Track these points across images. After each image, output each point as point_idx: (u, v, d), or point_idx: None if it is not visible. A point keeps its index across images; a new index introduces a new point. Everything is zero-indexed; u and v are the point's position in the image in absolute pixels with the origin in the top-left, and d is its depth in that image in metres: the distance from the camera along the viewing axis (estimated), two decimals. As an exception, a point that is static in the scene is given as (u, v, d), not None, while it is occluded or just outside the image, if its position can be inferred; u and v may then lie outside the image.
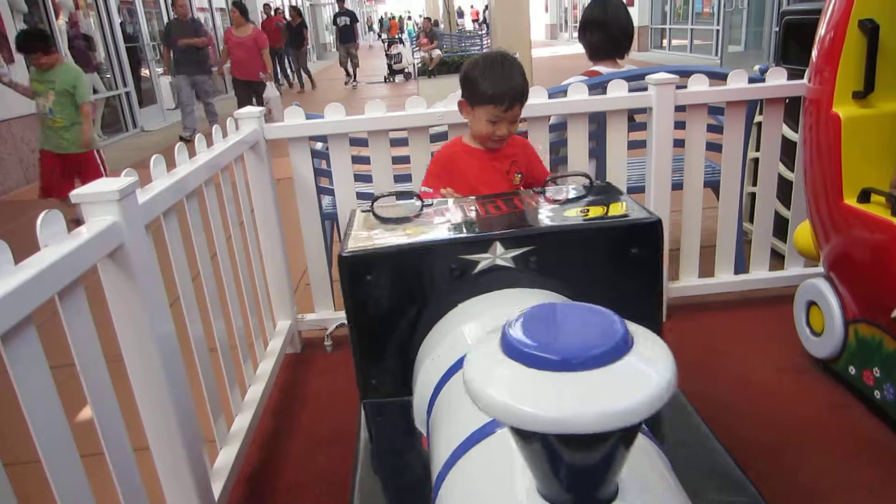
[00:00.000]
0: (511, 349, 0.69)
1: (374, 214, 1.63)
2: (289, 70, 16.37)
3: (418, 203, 1.66)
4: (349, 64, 15.45)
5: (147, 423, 1.52)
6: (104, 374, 1.30)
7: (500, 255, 1.40)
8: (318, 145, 2.87)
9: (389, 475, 1.28)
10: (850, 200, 2.03)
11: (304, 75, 15.42)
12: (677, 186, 2.79)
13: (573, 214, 1.50)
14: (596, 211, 1.49)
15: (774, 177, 2.81)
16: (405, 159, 2.72)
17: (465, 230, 1.51)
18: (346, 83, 15.30)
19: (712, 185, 2.96)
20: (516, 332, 0.71)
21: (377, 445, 1.38)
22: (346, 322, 2.72)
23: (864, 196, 1.99)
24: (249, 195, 2.54)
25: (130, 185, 1.39)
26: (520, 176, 2.00)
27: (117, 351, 1.43)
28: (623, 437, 0.65)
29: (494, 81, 1.84)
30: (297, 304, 2.86)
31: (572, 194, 1.69)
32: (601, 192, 1.66)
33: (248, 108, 2.54)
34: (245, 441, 2.02)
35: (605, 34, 2.89)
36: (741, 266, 2.96)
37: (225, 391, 2.06)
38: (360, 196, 2.76)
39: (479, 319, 1.32)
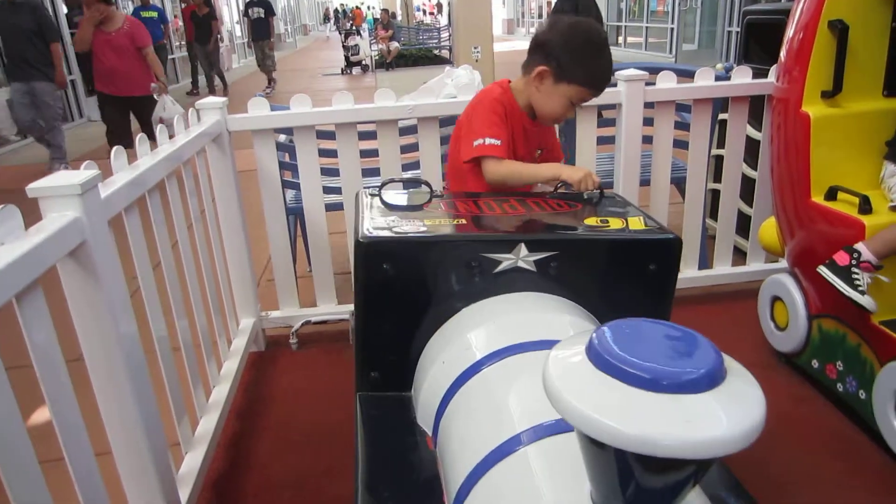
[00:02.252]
0: (600, 360, 0.66)
1: (382, 200, 1.58)
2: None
3: (428, 192, 1.61)
4: (266, 67, 12.58)
5: (109, 426, 1.45)
6: (64, 376, 1.22)
7: (522, 258, 1.36)
8: (282, 138, 2.80)
9: (395, 472, 1.23)
10: (818, 198, 2.07)
11: (216, 79, 12.53)
12: (643, 183, 2.81)
13: (593, 223, 1.48)
14: (616, 223, 1.46)
15: (738, 174, 2.86)
16: (373, 153, 2.67)
17: (487, 227, 1.46)
18: (265, 91, 11.68)
19: (676, 181, 3.00)
20: (607, 343, 0.68)
21: (379, 442, 1.32)
22: (311, 320, 2.72)
23: (831, 194, 2.03)
24: (212, 189, 2.46)
25: (92, 179, 1.31)
26: (540, 152, 1.88)
27: (77, 351, 1.36)
28: (701, 466, 0.64)
29: (603, 67, 1.66)
30: (260, 302, 2.79)
31: (587, 202, 1.65)
32: (615, 203, 1.63)
33: (210, 98, 2.45)
34: (211, 444, 1.95)
35: (574, 29, 2.88)
36: (704, 262, 3.01)
37: (189, 392, 1.98)
38: (327, 191, 2.70)
39: (496, 322, 1.28)
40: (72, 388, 1.24)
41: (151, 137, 1.83)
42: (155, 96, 5.40)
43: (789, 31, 2.12)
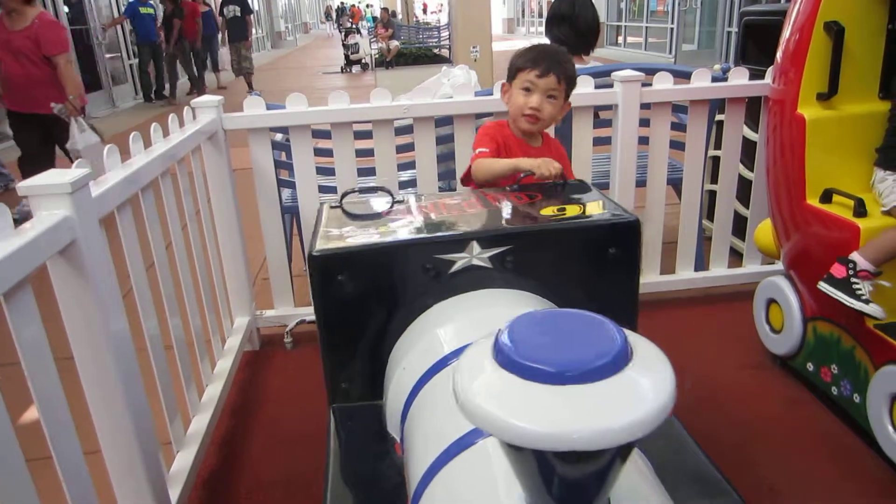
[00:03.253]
0: (505, 359, 0.65)
1: (344, 210, 1.58)
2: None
3: (389, 199, 1.61)
4: (242, 70, 11.65)
5: (99, 425, 1.44)
6: (52, 375, 1.22)
7: (476, 255, 1.37)
8: (278, 137, 2.79)
9: (362, 482, 1.24)
10: (813, 200, 2.06)
11: (190, 82, 11.72)
12: (640, 184, 2.80)
13: (550, 213, 1.47)
14: (573, 210, 1.46)
15: (735, 175, 2.85)
16: (368, 152, 2.66)
17: (440, 229, 1.46)
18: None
19: (673, 182, 2.99)
20: (510, 341, 0.67)
21: (348, 452, 1.33)
22: (306, 319, 2.71)
23: (827, 196, 2.02)
24: (207, 187, 2.45)
25: (83, 177, 1.31)
26: None
27: (67, 348, 1.35)
28: (620, 452, 0.63)
29: (533, 49, 1.90)
30: (255, 300, 2.78)
31: (547, 192, 1.66)
32: (577, 190, 1.63)
33: (207, 97, 2.44)
34: (203, 443, 1.94)
35: (572, 29, 2.88)
36: (701, 263, 3.00)
37: (181, 391, 1.98)
38: (322, 189, 2.69)
39: (455, 321, 1.28)
40: (60, 386, 1.23)
41: None
42: (65, 119, 4.26)
43: (785, 33, 2.12)
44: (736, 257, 3.09)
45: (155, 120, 2.02)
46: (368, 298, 1.39)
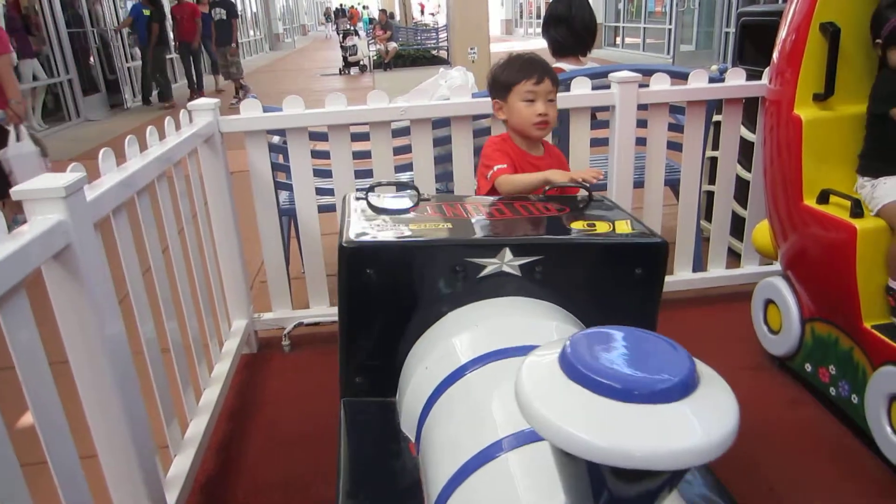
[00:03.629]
0: (571, 370, 0.66)
1: (369, 203, 1.57)
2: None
3: (415, 195, 1.60)
4: (230, 75, 11.28)
5: (95, 429, 1.44)
6: (47, 379, 1.21)
7: (507, 262, 1.36)
8: (275, 139, 2.79)
9: (375, 479, 1.23)
10: (810, 201, 2.06)
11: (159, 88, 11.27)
12: (637, 184, 2.80)
13: (580, 227, 1.47)
14: (602, 227, 1.45)
15: (732, 176, 2.85)
16: (366, 154, 2.66)
17: (472, 232, 1.45)
18: (231, 104, 9.90)
19: (671, 183, 2.99)
20: (578, 352, 0.67)
21: (361, 448, 1.32)
22: (304, 322, 2.71)
23: (824, 197, 2.02)
24: (204, 190, 2.45)
25: (78, 182, 1.30)
26: None
27: (63, 352, 1.35)
28: (673, 476, 0.64)
29: (518, 63, 1.91)
30: (253, 303, 2.78)
31: (574, 206, 1.64)
32: (603, 207, 1.62)
33: (203, 99, 2.44)
34: (200, 447, 1.94)
35: (569, 30, 2.88)
36: (699, 264, 3.00)
37: (179, 394, 1.97)
38: (320, 192, 2.69)
39: (481, 326, 1.27)
40: (55, 390, 1.23)
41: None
42: (4, 125, 3.93)
43: (781, 34, 2.12)
44: (734, 258, 3.09)
45: (152, 123, 2.02)
46: (394, 295, 1.38)
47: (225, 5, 11.15)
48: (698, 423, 0.61)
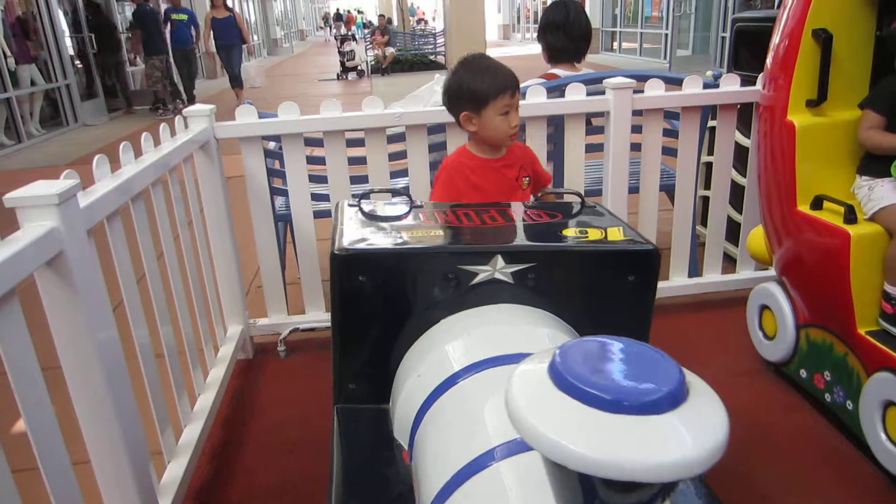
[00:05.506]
0: (561, 380, 0.66)
1: (362, 211, 1.57)
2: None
3: (408, 203, 1.60)
4: (181, 84, 11.05)
5: (88, 435, 1.43)
6: (40, 385, 1.21)
7: (499, 269, 1.36)
8: (271, 145, 2.79)
9: (368, 487, 1.23)
10: (804, 207, 2.07)
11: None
12: (633, 190, 2.81)
13: (572, 234, 1.47)
14: (594, 234, 1.46)
15: (727, 181, 2.86)
16: (361, 160, 2.66)
17: (464, 239, 1.46)
18: (161, 113, 10.30)
19: (666, 188, 3.00)
20: (568, 364, 0.67)
21: (354, 455, 1.32)
22: (299, 327, 2.71)
23: (817, 203, 2.03)
24: (199, 196, 2.45)
25: (71, 188, 1.30)
26: (527, 179, 1.97)
27: (55, 358, 1.34)
28: (665, 488, 0.64)
29: (490, 75, 1.82)
30: (249, 309, 2.77)
31: (567, 212, 1.65)
32: (596, 213, 1.63)
33: (198, 106, 2.44)
34: (195, 453, 1.94)
35: (565, 36, 2.89)
36: (694, 269, 3.01)
37: (173, 400, 1.97)
38: (315, 198, 2.69)
39: (473, 334, 1.27)
40: (48, 396, 1.23)
41: None
42: None
43: (774, 39, 2.12)
44: (730, 263, 3.09)
45: (150, 129, 2.02)
46: (387, 302, 1.38)
47: (185, 12, 10.98)
48: (688, 434, 0.61)
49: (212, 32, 10.73)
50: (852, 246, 1.88)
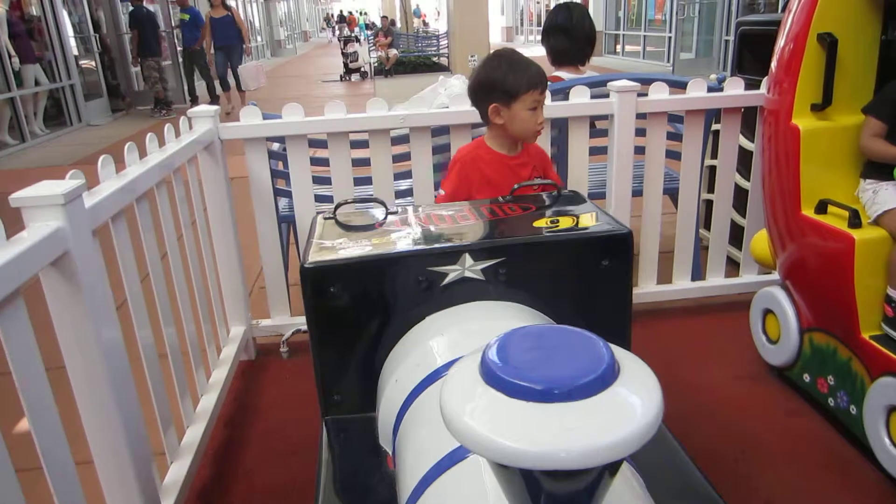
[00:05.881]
0: (491, 376, 0.65)
1: (337, 222, 1.58)
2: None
3: (382, 210, 1.61)
4: (154, 89, 10.69)
5: (91, 435, 1.44)
6: (43, 385, 1.21)
7: (469, 267, 1.36)
8: (275, 146, 2.79)
9: (354, 496, 1.23)
10: (808, 211, 2.06)
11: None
12: (636, 193, 2.81)
13: (543, 225, 1.47)
14: (566, 222, 1.46)
15: (731, 185, 2.86)
16: (365, 162, 2.66)
17: (433, 241, 1.46)
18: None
19: (670, 192, 2.99)
20: (496, 358, 0.67)
21: (340, 465, 1.32)
22: (302, 328, 2.71)
23: (822, 207, 2.03)
24: (203, 197, 2.45)
25: (77, 189, 1.31)
26: (539, 179, 1.97)
27: (59, 357, 1.35)
28: (608, 469, 0.63)
29: (523, 69, 1.85)
30: (252, 310, 2.78)
31: (541, 203, 1.66)
32: (570, 201, 1.63)
33: (203, 107, 2.44)
34: (197, 454, 1.94)
35: (569, 40, 2.89)
36: (698, 273, 3.00)
37: (176, 401, 1.97)
38: (319, 199, 2.69)
39: (446, 334, 1.28)
40: (52, 396, 1.23)
41: None
42: None
43: (779, 43, 2.12)
44: (733, 267, 3.09)
45: (153, 129, 2.02)
46: (361, 310, 1.39)
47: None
48: (620, 414, 0.60)
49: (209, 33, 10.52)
50: (857, 250, 1.87)
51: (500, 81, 1.85)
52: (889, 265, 1.87)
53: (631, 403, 0.61)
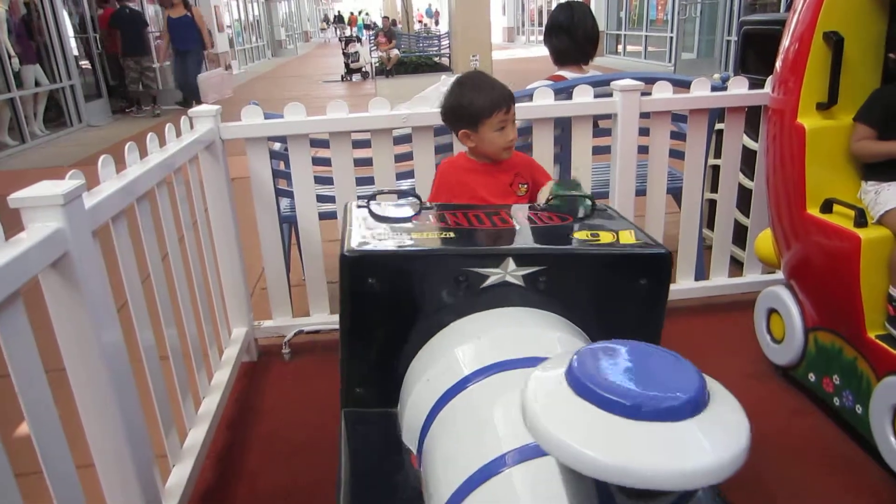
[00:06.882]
0: (580, 386, 0.65)
1: (371, 211, 1.56)
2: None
3: (417, 204, 1.59)
4: (131, 88, 10.59)
5: (92, 438, 1.42)
6: (43, 387, 1.20)
7: (510, 272, 1.34)
8: (276, 146, 2.78)
9: (377, 492, 1.21)
10: (813, 210, 2.05)
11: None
12: (639, 192, 2.79)
13: (584, 237, 1.46)
14: (606, 237, 1.44)
15: (735, 184, 2.84)
16: (367, 161, 2.65)
17: (475, 241, 1.44)
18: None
19: (673, 191, 2.98)
20: (586, 369, 0.66)
21: (362, 459, 1.30)
22: (304, 330, 2.70)
23: (827, 206, 2.01)
24: (204, 197, 2.44)
25: (76, 189, 1.30)
26: (525, 186, 1.98)
27: (60, 360, 1.33)
28: (683, 496, 0.63)
29: (485, 92, 1.87)
30: (253, 311, 2.76)
31: (578, 215, 1.63)
32: (607, 217, 1.61)
33: (204, 106, 2.43)
34: (199, 456, 1.93)
35: (571, 39, 2.88)
36: (701, 272, 2.99)
37: (177, 403, 1.96)
38: (321, 199, 2.68)
39: (484, 338, 1.26)
40: (51, 399, 1.22)
41: None
42: None
43: (784, 42, 2.11)
44: (736, 266, 3.08)
45: (154, 129, 2.01)
46: (396, 304, 1.37)
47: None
48: (708, 442, 0.60)
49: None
50: (862, 249, 1.86)
51: (466, 108, 1.88)
52: (891, 264, 1.86)
53: (718, 434, 0.61)
